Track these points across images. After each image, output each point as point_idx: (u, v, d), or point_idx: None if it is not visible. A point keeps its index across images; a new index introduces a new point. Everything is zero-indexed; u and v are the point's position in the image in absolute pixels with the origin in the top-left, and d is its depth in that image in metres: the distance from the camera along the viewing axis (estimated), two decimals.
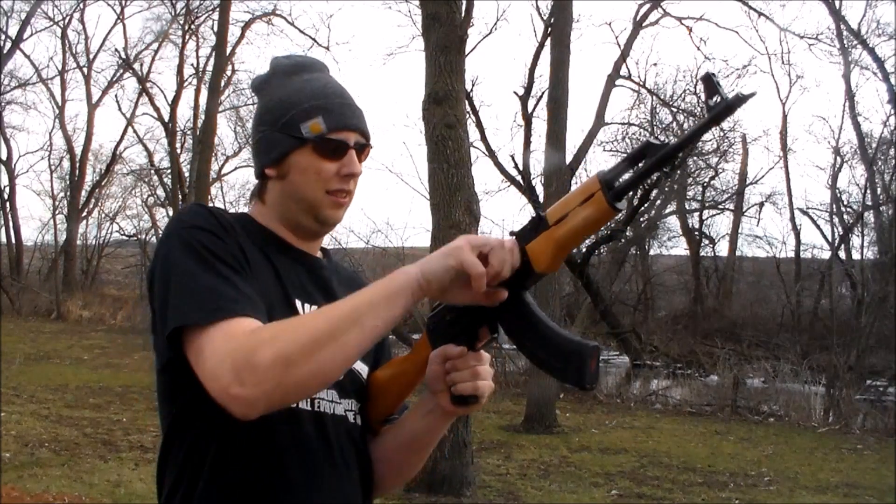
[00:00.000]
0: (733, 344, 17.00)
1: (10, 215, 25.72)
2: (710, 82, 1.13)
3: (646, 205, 19.13)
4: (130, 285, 26.68)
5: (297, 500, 1.32)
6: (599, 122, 16.59)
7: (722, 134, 19.12)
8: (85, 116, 25.81)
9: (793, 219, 21.24)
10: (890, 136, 17.89)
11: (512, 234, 1.32)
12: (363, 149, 1.46)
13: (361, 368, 1.48)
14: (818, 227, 20.77)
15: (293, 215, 1.45)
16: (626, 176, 1.22)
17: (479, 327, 1.38)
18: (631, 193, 1.24)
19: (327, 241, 1.58)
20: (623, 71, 17.50)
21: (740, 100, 1.10)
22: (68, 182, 26.14)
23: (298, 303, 1.40)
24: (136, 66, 25.53)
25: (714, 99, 1.12)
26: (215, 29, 21.49)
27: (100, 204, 28.08)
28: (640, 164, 1.21)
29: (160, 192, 26.85)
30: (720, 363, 14.52)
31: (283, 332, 1.19)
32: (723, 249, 24.17)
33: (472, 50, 15.94)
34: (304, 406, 1.35)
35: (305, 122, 1.41)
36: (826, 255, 19.64)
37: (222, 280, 1.26)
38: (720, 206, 23.31)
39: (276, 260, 1.42)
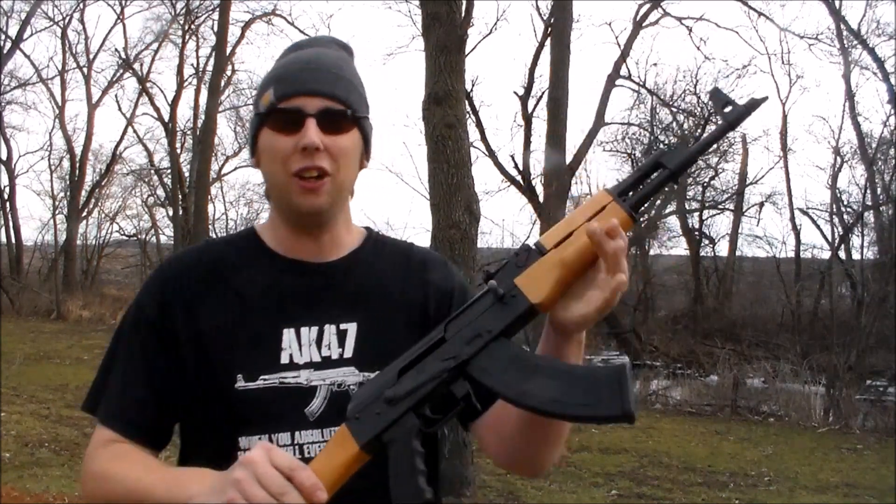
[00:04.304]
0: (733, 344, 16.99)
1: (10, 215, 25.70)
2: (718, 95, 1.11)
3: (645, 205, 19.11)
4: (130, 285, 26.64)
5: None
6: (599, 122, 16.61)
7: None
8: (85, 116, 25.82)
9: (793, 219, 21.19)
10: (890, 136, 17.88)
11: (487, 275, 1.11)
12: (337, 118, 1.20)
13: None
14: (818, 227, 20.72)
15: (279, 208, 1.28)
16: (639, 189, 1.14)
17: (449, 397, 1.10)
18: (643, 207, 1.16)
19: None
20: (623, 71, 17.52)
21: (754, 104, 1.09)
22: (68, 182, 26.12)
23: (287, 331, 1.26)
24: (136, 66, 25.57)
25: (727, 108, 1.10)
26: (215, 29, 21.56)
27: (100, 204, 28.09)
28: (654, 176, 1.13)
29: (160, 192, 26.89)
30: (720, 363, 14.52)
31: (95, 477, 1.26)
32: (723, 249, 24.12)
33: (472, 50, 15.96)
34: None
35: (261, 96, 1.24)
36: (826, 255, 19.61)
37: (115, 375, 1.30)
38: (720, 206, 23.28)
39: (279, 281, 1.28)
